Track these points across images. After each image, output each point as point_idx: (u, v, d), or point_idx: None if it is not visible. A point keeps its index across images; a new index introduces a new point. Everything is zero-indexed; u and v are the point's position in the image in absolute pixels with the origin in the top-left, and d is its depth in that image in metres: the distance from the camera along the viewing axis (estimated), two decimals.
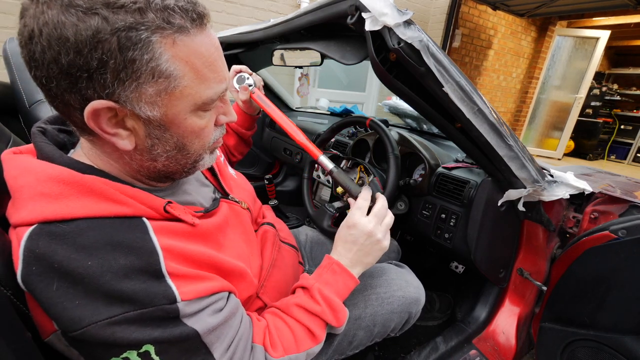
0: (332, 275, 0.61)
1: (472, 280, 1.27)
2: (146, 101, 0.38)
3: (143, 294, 0.37)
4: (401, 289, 0.77)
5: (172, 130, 0.42)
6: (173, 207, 0.45)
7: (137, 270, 0.38)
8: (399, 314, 0.76)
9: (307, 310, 0.56)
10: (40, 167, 0.40)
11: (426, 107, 0.71)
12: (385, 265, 0.87)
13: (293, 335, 0.54)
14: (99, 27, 0.32)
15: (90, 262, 0.36)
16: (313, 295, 0.57)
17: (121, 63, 0.34)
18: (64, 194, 0.38)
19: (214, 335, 0.43)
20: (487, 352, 1.05)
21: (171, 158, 0.45)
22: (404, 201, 1.06)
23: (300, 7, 1.89)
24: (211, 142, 0.49)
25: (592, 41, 4.86)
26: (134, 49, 0.34)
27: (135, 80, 0.36)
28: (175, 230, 0.45)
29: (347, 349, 0.72)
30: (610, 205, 0.91)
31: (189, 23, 0.37)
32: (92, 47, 0.33)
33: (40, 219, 0.37)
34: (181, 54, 0.37)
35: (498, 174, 0.86)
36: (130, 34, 0.33)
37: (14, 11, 2.03)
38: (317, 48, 0.78)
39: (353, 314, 0.72)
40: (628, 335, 0.76)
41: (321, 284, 0.59)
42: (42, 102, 0.95)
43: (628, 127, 5.78)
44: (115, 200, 0.40)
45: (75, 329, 0.35)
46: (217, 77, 0.42)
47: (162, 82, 0.37)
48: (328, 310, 0.57)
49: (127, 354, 0.37)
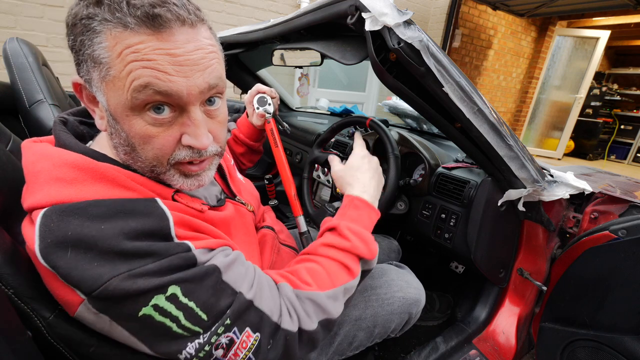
0: (356, 210, 0.62)
1: (472, 280, 1.27)
2: (95, 85, 0.41)
3: (157, 247, 0.39)
4: (401, 290, 0.78)
5: (120, 124, 0.42)
6: (181, 196, 0.48)
7: (149, 233, 0.40)
8: (399, 315, 0.76)
9: (337, 247, 0.56)
10: (57, 153, 0.42)
11: (426, 107, 0.71)
12: (385, 266, 0.87)
13: (326, 272, 0.53)
14: (78, 12, 0.39)
15: (103, 226, 0.37)
16: (342, 233, 0.57)
17: (79, 45, 0.40)
18: (78, 179, 0.40)
19: (234, 274, 0.45)
20: (487, 352, 1.05)
21: (128, 154, 0.45)
22: (404, 201, 1.06)
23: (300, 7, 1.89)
24: (172, 159, 0.45)
25: (592, 41, 4.86)
26: (84, 35, 0.39)
27: (85, 62, 0.40)
28: (183, 210, 0.47)
29: (347, 350, 0.72)
30: (610, 205, 0.91)
31: (135, 20, 0.38)
32: (72, 27, 0.40)
33: (54, 201, 0.38)
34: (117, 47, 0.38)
35: (498, 174, 0.86)
36: (87, 22, 0.39)
37: (14, 11, 2.03)
38: (317, 48, 0.78)
39: (353, 315, 0.72)
40: (628, 335, 0.76)
41: (348, 221, 0.59)
42: (42, 102, 0.95)
43: (628, 127, 5.78)
44: (127, 186, 0.42)
45: (97, 286, 0.36)
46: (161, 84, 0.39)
47: (99, 68, 0.40)
48: (361, 244, 0.56)
49: (155, 299, 0.38)
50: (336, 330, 0.70)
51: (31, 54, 1.03)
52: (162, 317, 0.38)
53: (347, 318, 0.72)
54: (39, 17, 2.14)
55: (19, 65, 0.98)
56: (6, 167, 0.50)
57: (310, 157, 1.19)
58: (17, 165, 0.53)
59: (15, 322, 0.38)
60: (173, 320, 0.39)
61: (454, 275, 1.40)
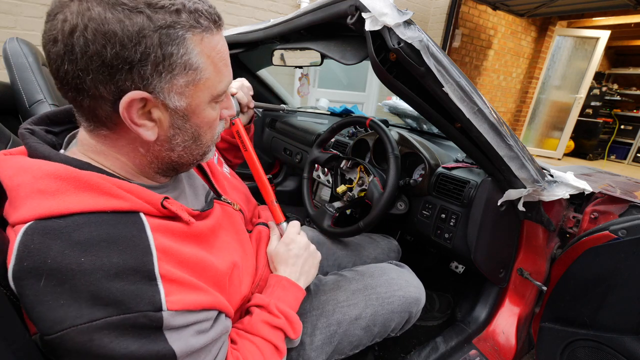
0: (283, 290, 0.63)
1: (472, 280, 1.27)
2: (176, 92, 0.42)
3: (130, 295, 0.36)
4: (402, 289, 0.78)
5: (192, 121, 0.46)
6: (170, 202, 0.45)
7: (129, 270, 0.37)
8: (400, 314, 0.76)
9: (270, 325, 0.57)
10: (36, 165, 0.40)
11: (426, 107, 0.71)
12: (385, 265, 0.87)
13: (262, 354, 0.54)
14: (144, 24, 0.37)
15: (83, 259, 0.35)
16: (271, 311, 0.59)
17: (160, 56, 0.39)
18: (60, 189, 0.38)
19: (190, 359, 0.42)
20: (487, 352, 1.05)
21: (187, 148, 0.48)
22: (404, 201, 1.06)
23: (300, 7, 1.89)
24: (217, 134, 0.53)
25: (592, 41, 4.86)
26: (172, 44, 0.39)
27: (170, 72, 0.40)
28: (171, 229, 0.45)
29: (347, 349, 0.72)
30: (610, 205, 0.91)
31: (212, 24, 0.43)
32: (136, 41, 0.37)
33: (37, 215, 0.37)
34: (206, 50, 0.42)
35: (498, 174, 0.86)
36: (170, 31, 0.38)
37: (14, 11, 2.03)
38: (317, 48, 0.78)
39: (353, 314, 0.72)
40: (628, 335, 0.76)
41: (276, 300, 0.61)
42: (42, 102, 0.95)
43: (628, 127, 5.77)
44: (113, 194, 0.40)
45: (55, 331, 0.34)
46: (228, 72, 0.48)
47: (191, 74, 0.42)
48: (286, 323, 0.59)
49: None
50: (335, 329, 0.70)
51: (31, 54, 1.03)
52: None
53: (347, 317, 0.72)
54: (39, 17, 2.14)
55: (19, 65, 0.98)
56: None
57: (310, 157, 1.19)
58: None
59: (15, 322, 0.38)
60: None
61: (454, 275, 1.40)
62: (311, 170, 1.22)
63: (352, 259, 1.00)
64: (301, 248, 0.69)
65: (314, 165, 1.22)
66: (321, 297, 0.75)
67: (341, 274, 0.84)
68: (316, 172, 1.51)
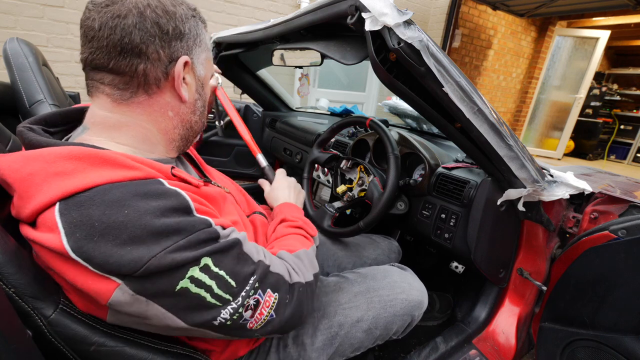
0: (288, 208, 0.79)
1: (472, 280, 1.27)
2: (200, 63, 0.55)
3: (183, 224, 0.42)
4: (404, 292, 0.78)
5: (205, 89, 0.59)
6: (178, 170, 0.50)
7: (171, 209, 0.42)
8: (402, 317, 0.76)
9: (292, 226, 0.72)
10: (45, 151, 0.41)
11: (426, 107, 0.71)
12: (388, 267, 0.87)
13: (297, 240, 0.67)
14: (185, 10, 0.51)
15: (126, 211, 0.39)
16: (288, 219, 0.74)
17: (195, 34, 0.53)
18: (78, 168, 0.40)
19: (250, 246, 0.51)
20: (487, 352, 1.05)
21: (201, 114, 0.60)
22: (404, 201, 1.06)
23: (300, 7, 1.88)
24: None
25: (592, 41, 4.86)
26: (197, 27, 0.53)
27: (199, 46, 0.54)
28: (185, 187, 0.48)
29: (348, 351, 0.72)
30: (610, 205, 0.91)
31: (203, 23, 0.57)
32: (185, 20, 0.50)
33: (60, 195, 0.38)
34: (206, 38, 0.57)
35: (498, 174, 0.86)
36: (196, 19, 0.53)
37: (14, 11, 2.03)
38: (317, 48, 0.78)
39: (355, 316, 0.72)
40: (628, 335, 0.76)
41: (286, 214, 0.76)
42: (42, 102, 0.95)
43: (628, 127, 5.77)
44: (130, 166, 0.43)
45: (138, 268, 0.38)
46: None
47: (207, 52, 0.57)
48: (303, 223, 0.74)
49: (191, 272, 0.41)
50: (337, 331, 0.71)
51: (31, 54, 1.03)
52: (197, 289, 0.42)
53: (349, 319, 0.72)
54: (39, 17, 2.14)
55: (19, 65, 0.98)
56: None
57: (311, 157, 1.19)
58: None
59: (15, 321, 0.38)
60: (207, 290, 0.42)
61: (454, 275, 1.39)
62: (311, 170, 1.22)
63: (352, 259, 1.00)
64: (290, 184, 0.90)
65: (314, 165, 1.22)
66: (323, 298, 0.75)
67: (343, 276, 0.83)
68: (316, 172, 1.51)
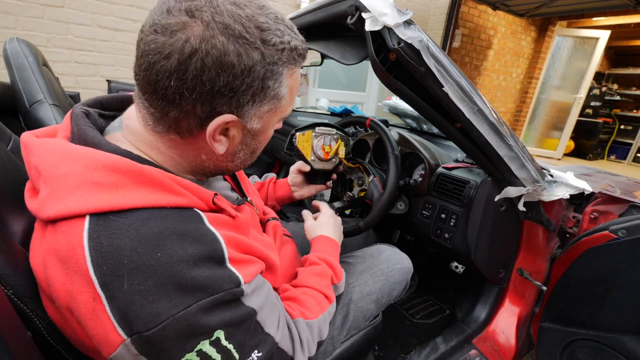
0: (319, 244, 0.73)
1: (472, 280, 1.27)
2: (258, 116, 0.45)
3: (212, 279, 0.38)
4: (399, 262, 0.89)
5: (258, 138, 0.49)
6: (219, 198, 0.47)
7: (204, 258, 0.38)
8: (400, 283, 0.88)
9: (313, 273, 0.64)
10: (87, 153, 0.39)
11: (426, 107, 0.71)
12: (378, 246, 0.97)
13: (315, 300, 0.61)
14: (257, 59, 0.39)
15: (159, 254, 0.35)
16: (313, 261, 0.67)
17: (260, 88, 0.42)
18: (119, 183, 0.37)
19: (264, 313, 0.46)
20: (487, 352, 1.05)
21: (243, 159, 0.51)
22: (404, 201, 1.06)
23: (300, 7, 1.88)
24: None
25: (592, 41, 4.86)
26: (272, 78, 0.42)
27: (261, 101, 0.43)
28: (221, 221, 0.46)
29: (361, 323, 0.80)
30: (610, 205, 0.91)
31: (301, 59, 0.46)
32: (246, 74, 0.39)
33: (93, 209, 0.35)
34: (291, 82, 0.46)
35: (498, 174, 0.86)
36: (273, 67, 0.41)
37: (14, 11, 2.03)
38: (317, 48, 0.78)
39: (365, 291, 0.81)
40: (628, 335, 0.76)
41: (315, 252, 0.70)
42: (42, 102, 0.95)
43: (628, 127, 5.77)
44: (172, 190, 0.40)
45: (153, 326, 0.34)
46: None
47: (275, 103, 0.45)
48: (327, 267, 0.66)
49: (201, 345, 0.37)
50: (351, 307, 0.78)
51: (31, 54, 1.03)
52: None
53: (359, 295, 0.80)
54: (39, 17, 2.14)
55: (19, 65, 0.98)
56: (7, 167, 0.50)
57: None
58: (18, 165, 0.53)
59: (15, 322, 0.38)
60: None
61: (454, 275, 1.39)
62: None
63: None
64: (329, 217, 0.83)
65: None
66: None
67: (344, 261, 0.90)
68: None
